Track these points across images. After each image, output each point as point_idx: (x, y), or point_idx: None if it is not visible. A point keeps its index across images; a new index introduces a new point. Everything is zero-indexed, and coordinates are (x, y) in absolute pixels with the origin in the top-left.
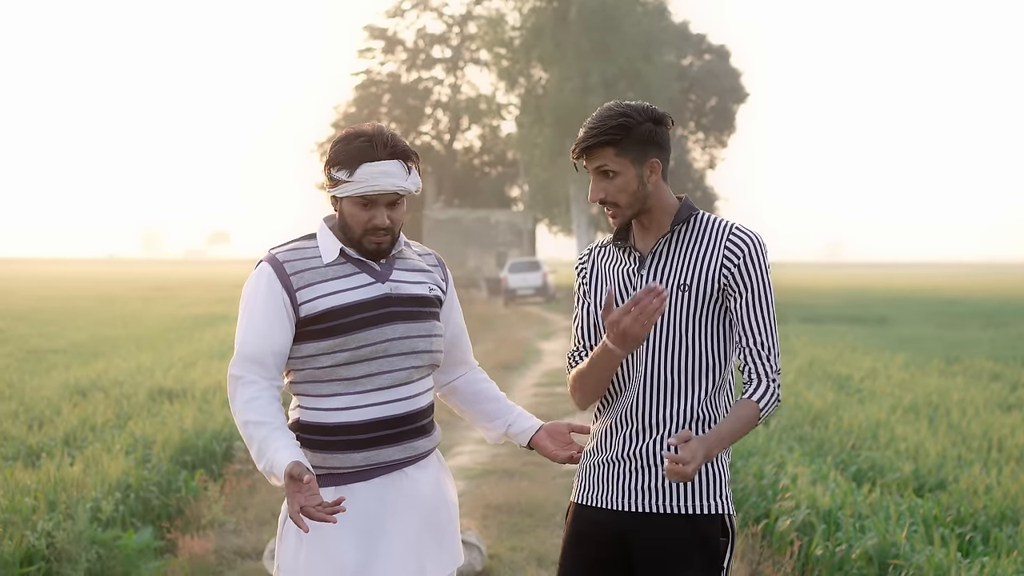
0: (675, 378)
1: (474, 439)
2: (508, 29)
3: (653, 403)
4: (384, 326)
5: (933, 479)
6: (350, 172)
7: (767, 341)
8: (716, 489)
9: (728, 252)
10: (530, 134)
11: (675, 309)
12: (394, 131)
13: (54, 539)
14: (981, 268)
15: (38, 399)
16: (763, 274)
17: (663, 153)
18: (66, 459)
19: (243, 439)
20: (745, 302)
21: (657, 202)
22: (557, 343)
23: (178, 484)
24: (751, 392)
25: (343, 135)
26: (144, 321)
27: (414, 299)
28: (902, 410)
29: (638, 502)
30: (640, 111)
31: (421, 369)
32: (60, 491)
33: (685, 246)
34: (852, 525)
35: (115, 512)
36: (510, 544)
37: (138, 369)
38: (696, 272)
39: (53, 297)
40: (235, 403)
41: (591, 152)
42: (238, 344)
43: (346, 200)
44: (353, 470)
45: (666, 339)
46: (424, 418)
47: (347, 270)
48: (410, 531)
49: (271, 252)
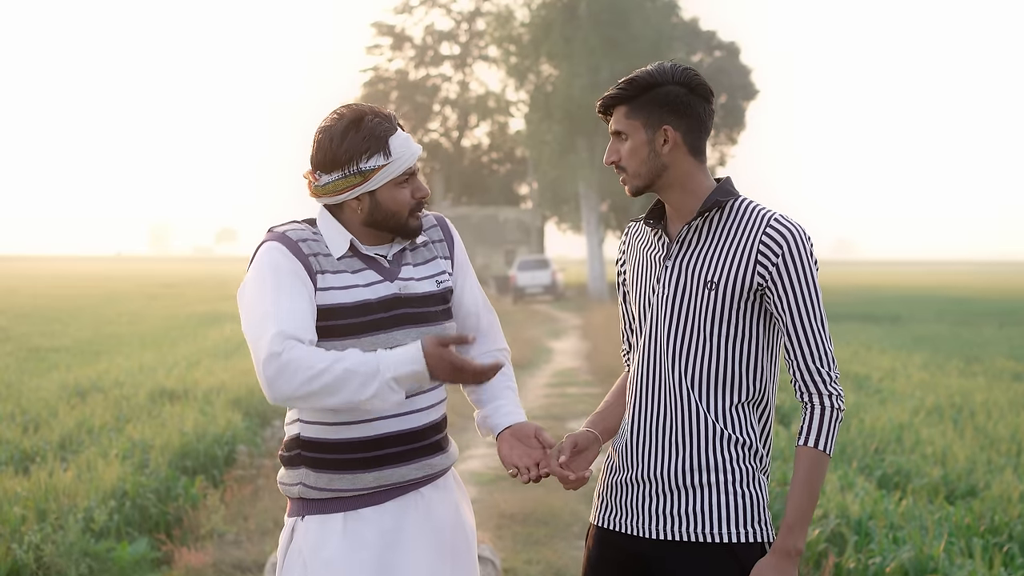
0: (700, 388)
1: (486, 442)
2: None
3: (676, 417)
4: (394, 330)
5: (963, 485)
6: (386, 153)
7: (817, 350)
8: (755, 513)
9: (765, 247)
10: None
11: (700, 308)
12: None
13: (43, 552)
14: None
15: (35, 400)
16: (807, 273)
17: (686, 123)
18: (60, 465)
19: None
20: (787, 306)
21: (678, 179)
22: (567, 342)
23: (177, 491)
24: (806, 430)
25: (341, 125)
26: (149, 319)
27: (424, 299)
28: (925, 412)
29: (667, 528)
30: (669, 72)
31: None
32: (51, 500)
33: (716, 236)
34: (885, 536)
35: (109, 521)
36: (525, 556)
37: (140, 369)
38: (726, 267)
39: (58, 295)
40: (292, 366)
41: (608, 111)
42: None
43: (382, 188)
44: (363, 492)
45: (690, 343)
46: (438, 432)
47: (354, 265)
48: (426, 562)
49: (276, 231)
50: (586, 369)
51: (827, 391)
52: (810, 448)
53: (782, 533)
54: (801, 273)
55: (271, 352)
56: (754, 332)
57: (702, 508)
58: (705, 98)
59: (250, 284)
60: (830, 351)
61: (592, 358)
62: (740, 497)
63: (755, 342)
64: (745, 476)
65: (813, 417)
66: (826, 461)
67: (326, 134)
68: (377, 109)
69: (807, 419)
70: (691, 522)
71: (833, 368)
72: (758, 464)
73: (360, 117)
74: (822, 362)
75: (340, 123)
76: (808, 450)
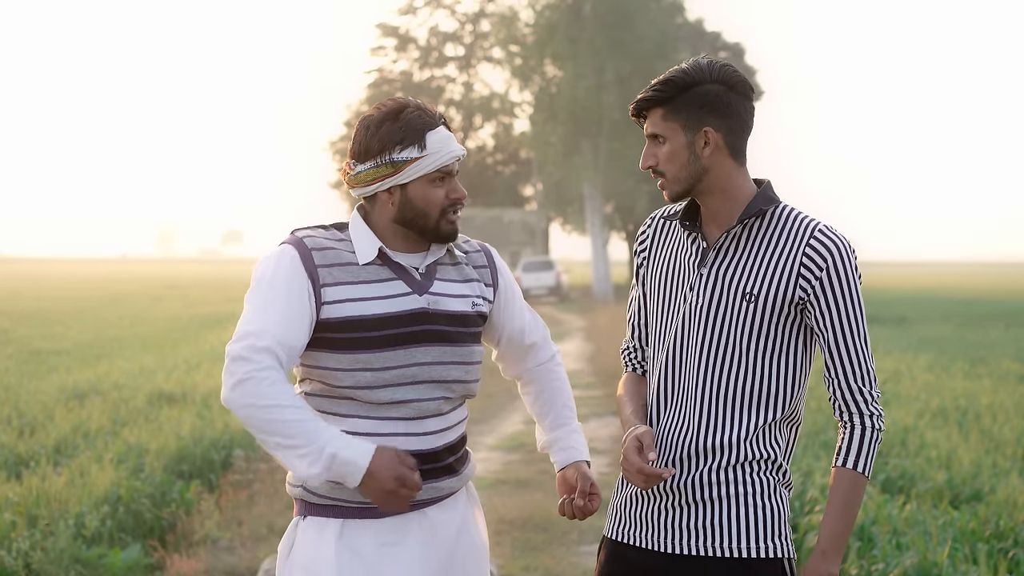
0: (729, 402)
1: (485, 445)
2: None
3: (700, 429)
4: (415, 347)
5: (968, 489)
6: (421, 146)
7: (859, 369)
8: (775, 528)
9: (808, 260)
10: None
11: (737, 321)
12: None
13: (31, 558)
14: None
15: (33, 403)
16: (851, 288)
17: (727, 123)
18: (53, 470)
19: (261, 425)
20: (829, 323)
21: (718, 183)
22: (571, 344)
23: (172, 496)
24: (844, 450)
25: (380, 115)
26: (151, 321)
27: (453, 317)
28: (930, 414)
29: (683, 543)
30: (708, 70)
31: (452, 401)
32: (42, 505)
33: (756, 245)
34: (888, 541)
35: (102, 527)
36: (523, 563)
37: (140, 371)
38: (766, 279)
39: (61, 297)
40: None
41: (644, 114)
42: (247, 327)
43: (414, 183)
44: (364, 506)
45: (723, 355)
46: (452, 455)
47: (382, 275)
48: None
49: (296, 235)
50: (589, 371)
51: (868, 411)
52: (848, 470)
53: (815, 557)
54: (845, 288)
55: (238, 354)
56: (791, 347)
57: (720, 522)
58: (746, 96)
59: (253, 281)
60: (872, 370)
61: (595, 360)
62: (760, 510)
63: (792, 358)
64: (766, 489)
65: (853, 438)
66: (864, 484)
67: (364, 123)
68: (423, 104)
69: (846, 439)
70: (709, 536)
71: (874, 388)
72: (781, 478)
73: (401, 108)
74: (863, 381)
75: (380, 113)
76: (846, 472)
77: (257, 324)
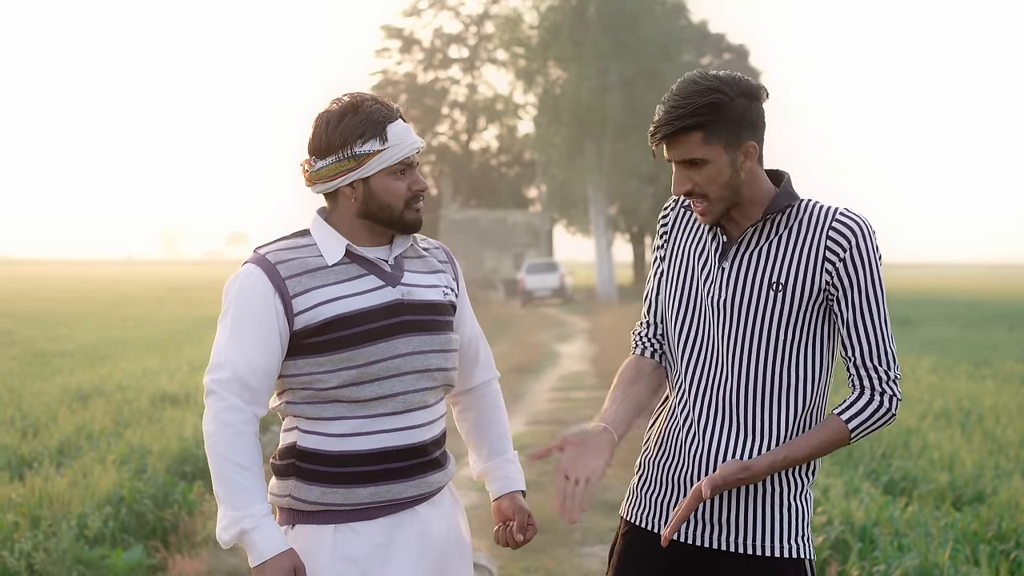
0: (758, 393)
1: None
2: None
3: (727, 421)
4: (395, 339)
5: (970, 491)
6: (383, 139)
7: (878, 346)
8: (799, 528)
9: (831, 243)
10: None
11: (764, 311)
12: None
13: (34, 559)
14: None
15: (36, 405)
16: (873, 267)
17: (758, 133)
18: (56, 470)
19: (212, 464)
20: (851, 302)
21: (750, 191)
22: (574, 346)
23: (174, 497)
24: (846, 405)
25: (340, 109)
26: (155, 323)
27: (428, 306)
28: (933, 416)
29: (706, 535)
30: (732, 84)
31: (435, 391)
32: (45, 506)
33: (780, 236)
34: (890, 543)
35: (104, 528)
36: (523, 565)
37: (143, 373)
38: (793, 268)
39: (65, 299)
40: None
41: (674, 138)
42: (219, 359)
43: (376, 176)
44: (356, 507)
45: (751, 345)
46: (438, 448)
47: (352, 272)
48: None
49: (258, 252)
50: (593, 373)
51: (881, 388)
52: (839, 419)
53: (759, 458)
54: (866, 267)
55: (212, 390)
56: (817, 336)
57: (747, 518)
58: (760, 100)
59: (223, 304)
60: (891, 351)
61: (599, 362)
62: (788, 510)
63: (818, 347)
64: (794, 489)
65: (859, 399)
66: (843, 442)
67: (323, 118)
68: (379, 97)
69: (852, 399)
70: (735, 531)
71: (894, 367)
72: (810, 477)
73: (359, 103)
74: (880, 360)
75: (339, 108)
76: (836, 419)
77: (223, 355)
